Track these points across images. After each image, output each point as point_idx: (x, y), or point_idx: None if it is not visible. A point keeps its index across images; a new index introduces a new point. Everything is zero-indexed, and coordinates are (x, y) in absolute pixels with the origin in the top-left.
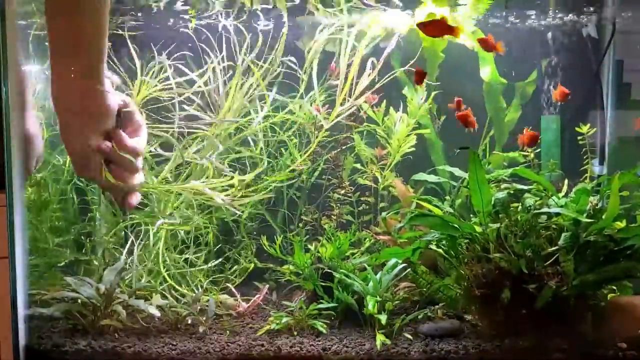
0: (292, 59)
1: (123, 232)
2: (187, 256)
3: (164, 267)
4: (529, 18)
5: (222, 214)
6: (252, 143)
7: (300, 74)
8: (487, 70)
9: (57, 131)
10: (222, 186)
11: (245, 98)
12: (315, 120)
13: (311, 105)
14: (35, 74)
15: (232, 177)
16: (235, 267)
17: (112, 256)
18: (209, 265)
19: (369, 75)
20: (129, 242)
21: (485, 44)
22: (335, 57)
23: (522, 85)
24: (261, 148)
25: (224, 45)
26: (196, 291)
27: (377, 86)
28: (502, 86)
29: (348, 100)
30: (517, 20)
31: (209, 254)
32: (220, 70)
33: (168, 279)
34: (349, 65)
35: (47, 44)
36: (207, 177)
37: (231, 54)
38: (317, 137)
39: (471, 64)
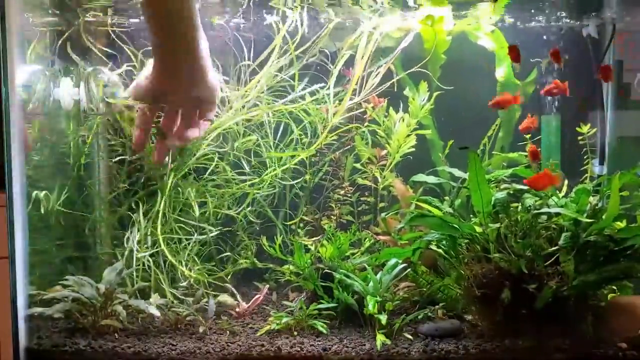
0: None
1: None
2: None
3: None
4: (531, 18)
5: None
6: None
7: (330, 67)
8: (503, 70)
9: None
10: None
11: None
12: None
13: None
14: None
15: None
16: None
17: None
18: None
19: (376, 75)
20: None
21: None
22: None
23: (523, 85)
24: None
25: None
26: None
27: (386, 84)
28: (516, 87)
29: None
30: (521, 21)
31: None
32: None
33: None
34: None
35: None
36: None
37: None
38: (325, 137)
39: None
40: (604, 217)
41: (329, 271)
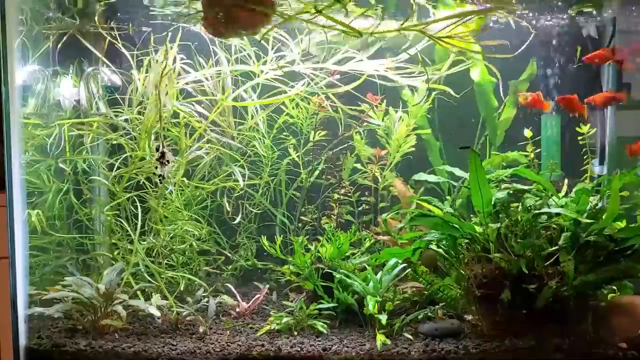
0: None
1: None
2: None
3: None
4: (530, 18)
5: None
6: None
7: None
8: (477, 71)
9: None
10: None
11: None
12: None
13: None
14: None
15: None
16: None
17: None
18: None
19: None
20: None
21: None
22: None
23: (515, 83)
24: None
25: None
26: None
27: None
28: (492, 85)
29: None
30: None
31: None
32: None
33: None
34: None
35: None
36: None
37: None
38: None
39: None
40: (604, 217)
41: (329, 271)
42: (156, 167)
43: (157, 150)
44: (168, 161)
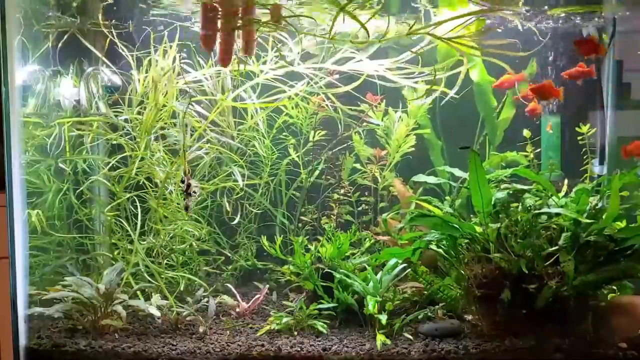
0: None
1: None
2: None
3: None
4: (530, 18)
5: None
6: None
7: None
8: (477, 71)
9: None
10: None
11: None
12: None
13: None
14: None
15: None
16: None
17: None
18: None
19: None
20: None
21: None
22: None
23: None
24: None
25: None
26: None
27: None
28: (491, 85)
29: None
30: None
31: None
32: None
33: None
34: None
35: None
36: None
37: None
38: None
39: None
40: (604, 217)
41: (329, 271)
42: (184, 199)
43: (183, 182)
44: (195, 192)
